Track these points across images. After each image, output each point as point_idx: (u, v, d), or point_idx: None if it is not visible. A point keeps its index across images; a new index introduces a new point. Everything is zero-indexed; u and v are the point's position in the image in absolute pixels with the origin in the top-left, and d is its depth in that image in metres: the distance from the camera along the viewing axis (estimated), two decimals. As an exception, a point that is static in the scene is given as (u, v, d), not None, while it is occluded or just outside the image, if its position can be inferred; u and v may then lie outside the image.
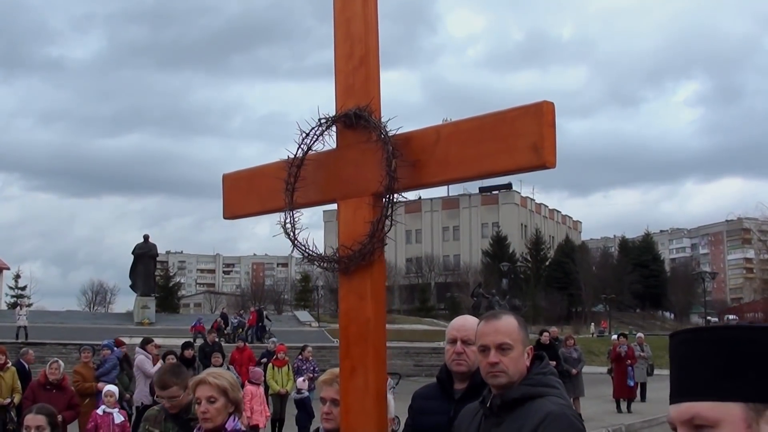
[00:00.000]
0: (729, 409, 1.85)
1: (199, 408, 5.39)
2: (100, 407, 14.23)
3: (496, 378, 4.25)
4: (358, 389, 4.17)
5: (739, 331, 1.95)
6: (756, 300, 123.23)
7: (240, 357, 26.47)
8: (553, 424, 4.04)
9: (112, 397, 13.99)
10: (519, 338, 4.30)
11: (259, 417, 19.46)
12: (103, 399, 14.38)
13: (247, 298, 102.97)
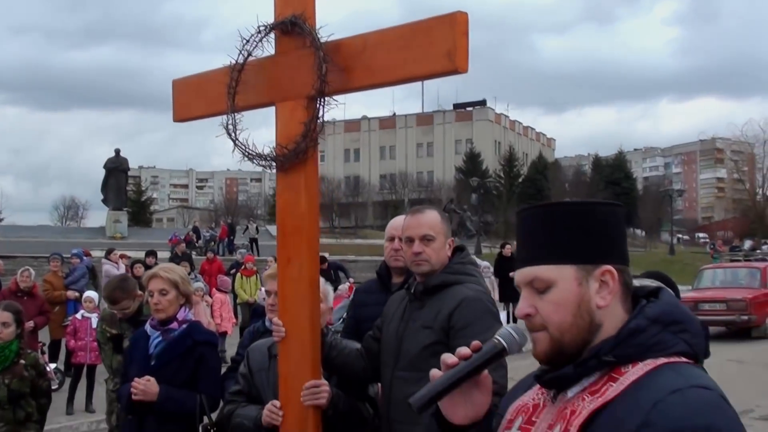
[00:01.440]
0: (563, 271, 2.21)
1: (151, 300, 5.74)
2: (80, 312, 14.64)
3: (419, 266, 4.66)
4: (293, 278, 4.56)
5: (570, 206, 2.31)
6: (726, 219, 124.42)
7: (209, 268, 26.84)
8: (468, 307, 4.46)
9: (91, 303, 14.32)
10: (441, 231, 4.70)
11: (227, 324, 19.96)
12: (83, 304, 14.75)
13: (220, 213, 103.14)
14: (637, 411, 2.01)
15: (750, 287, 25.78)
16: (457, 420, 2.31)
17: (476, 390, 2.28)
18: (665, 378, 2.07)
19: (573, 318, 2.19)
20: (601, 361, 2.15)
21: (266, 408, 4.72)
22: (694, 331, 2.24)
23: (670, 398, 2.00)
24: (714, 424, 1.97)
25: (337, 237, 45.69)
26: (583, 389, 2.16)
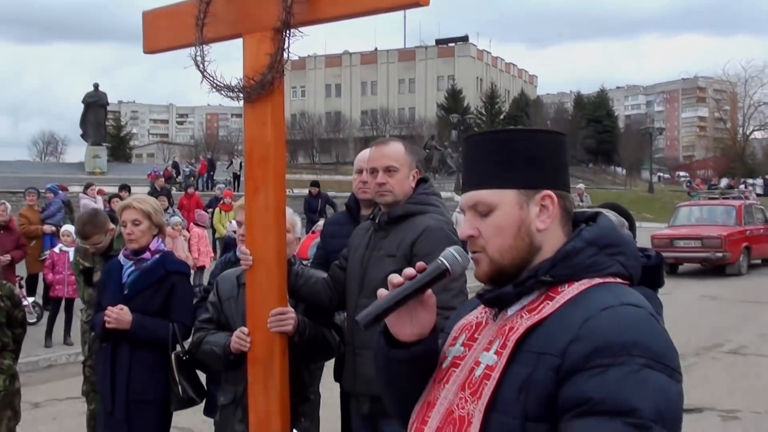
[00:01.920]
0: (504, 195, 2.32)
1: (124, 230, 5.82)
2: (57, 245, 14.70)
3: (383, 197, 4.77)
4: (261, 206, 4.65)
5: (513, 133, 2.41)
6: (707, 158, 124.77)
7: (188, 203, 26.92)
8: (431, 236, 4.58)
9: (69, 237, 14.32)
10: (405, 162, 4.80)
11: (205, 258, 20.02)
12: (61, 238, 14.80)
13: (200, 149, 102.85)
14: (569, 327, 2.12)
15: (725, 225, 26.05)
16: (404, 337, 2.40)
17: (421, 309, 2.38)
18: (597, 296, 2.19)
19: (513, 240, 2.30)
20: (539, 280, 2.26)
21: (234, 335, 4.82)
22: (630, 254, 2.36)
23: (601, 315, 2.12)
24: (642, 339, 2.07)
25: (317, 173, 45.65)
26: (522, 307, 2.28)
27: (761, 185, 70.60)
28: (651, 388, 2.02)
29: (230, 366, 5.03)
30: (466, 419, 2.20)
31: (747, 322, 16.72)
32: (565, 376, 2.08)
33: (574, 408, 2.04)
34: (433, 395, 2.37)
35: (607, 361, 2.04)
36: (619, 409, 1.99)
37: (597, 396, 2.01)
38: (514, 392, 2.14)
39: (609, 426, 1.98)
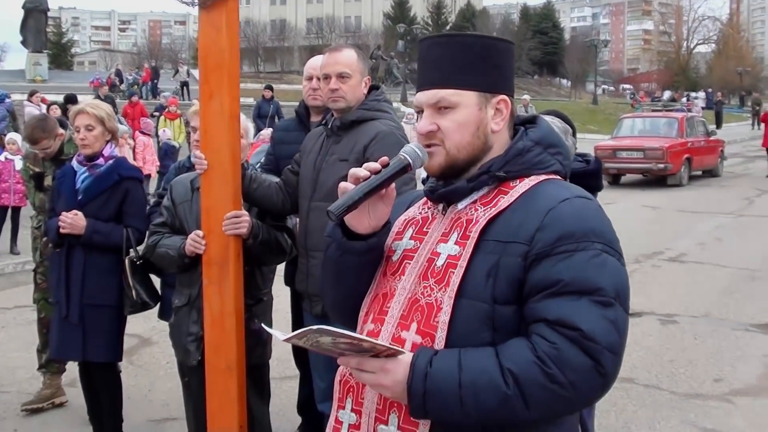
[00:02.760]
0: (467, 96, 2.48)
1: (78, 136, 5.85)
2: (2, 154, 14.57)
3: (335, 102, 4.88)
4: (215, 112, 4.72)
5: (478, 38, 2.56)
6: (651, 71, 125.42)
7: (132, 111, 26.66)
8: (382, 141, 4.71)
9: (14, 145, 14.25)
10: (357, 69, 4.90)
11: (150, 167, 19.97)
12: (6, 146, 14.66)
13: (143, 57, 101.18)
14: (533, 217, 2.35)
15: (667, 137, 26.35)
16: (362, 229, 2.53)
17: (380, 202, 2.51)
18: (551, 190, 2.43)
19: (471, 138, 2.48)
20: (492, 176, 2.46)
21: (189, 238, 4.92)
22: (566, 154, 2.61)
23: (561, 205, 2.36)
24: (598, 227, 2.36)
25: (262, 82, 45.19)
26: (474, 201, 2.47)
27: (703, 98, 71.21)
28: (609, 270, 2.30)
29: (185, 269, 5.14)
30: (434, 306, 2.36)
31: (687, 231, 17.07)
32: (533, 262, 2.30)
33: (545, 289, 2.27)
34: (389, 287, 2.51)
35: (572, 247, 2.29)
36: (586, 288, 2.25)
37: (567, 278, 2.25)
38: (482, 278, 2.32)
39: (579, 303, 2.23)
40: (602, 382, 2.24)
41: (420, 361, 2.26)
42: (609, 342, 2.23)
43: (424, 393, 2.24)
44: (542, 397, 2.20)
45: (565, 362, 2.19)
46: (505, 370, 2.21)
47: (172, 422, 6.91)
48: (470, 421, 2.26)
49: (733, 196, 23.20)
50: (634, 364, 8.44)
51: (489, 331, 2.31)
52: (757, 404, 7.46)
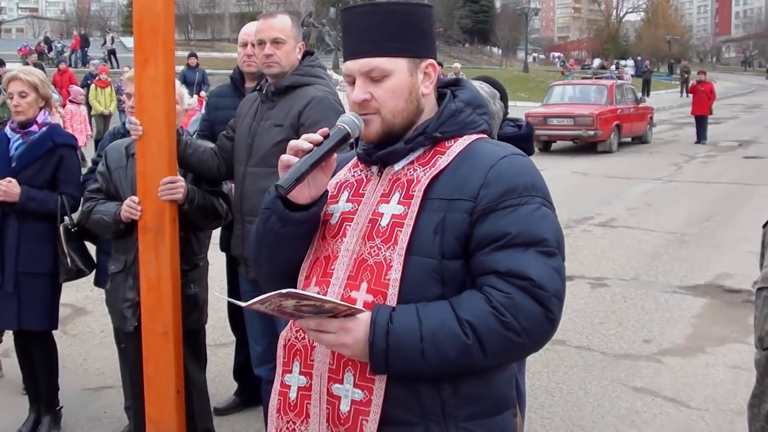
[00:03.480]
0: (398, 63, 2.53)
1: (11, 102, 5.78)
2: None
3: (270, 68, 4.90)
4: (150, 77, 4.71)
5: (401, 5, 2.60)
6: (581, 39, 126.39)
7: (61, 79, 26.29)
8: (317, 106, 4.75)
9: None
10: (291, 34, 4.93)
11: (80, 135, 19.71)
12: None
13: (72, 24, 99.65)
14: (476, 175, 2.44)
15: (597, 104, 26.66)
16: (302, 200, 2.55)
17: (321, 172, 2.54)
18: (488, 148, 2.54)
19: (405, 103, 2.54)
20: (428, 137, 2.54)
21: (125, 203, 4.91)
22: (491, 114, 2.74)
23: (501, 162, 2.46)
24: (535, 182, 2.48)
25: (193, 49, 44.77)
26: (411, 162, 2.55)
27: (632, 66, 71.96)
28: (549, 222, 2.44)
29: (120, 235, 5.14)
30: (384, 264, 2.42)
31: (616, 196, 17.31)
32: (479, 217, 2.40)
33: (493, 243, 2.38)
34: (330, 250, 2.56)
35: (516, 201, 2.40)
36: (532, 240, 2.37)
37: (514, 231, 2.37)
38: (430, 235, 2.41)
39: (527, 254, 2.36)
40: (551, 327, 2.38)
41: (380, 318, 2.33)
42: (556, 289, 2.37)
43: (386, 349, 2.31)
44: (499, 344, 2.32)
45: (519, 310, 2.31)
46: (462, 320, 2.30)
47: (108, 390, 6.90)
48: (430, 372, 2.35)
49: (662, 162, 23.57)
50: (566, 326, 8.58)
51: (438, 285, 2.40)
52: (685, 363, 7.64)
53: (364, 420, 2.42)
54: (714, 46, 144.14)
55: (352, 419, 2.44)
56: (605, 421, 6.36)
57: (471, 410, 2.45)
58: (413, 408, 2.41)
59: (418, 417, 2.42)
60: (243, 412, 6.45)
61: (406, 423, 2.42)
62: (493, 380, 2.50)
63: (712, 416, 6.38)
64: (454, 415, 2.43)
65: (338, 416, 2.46)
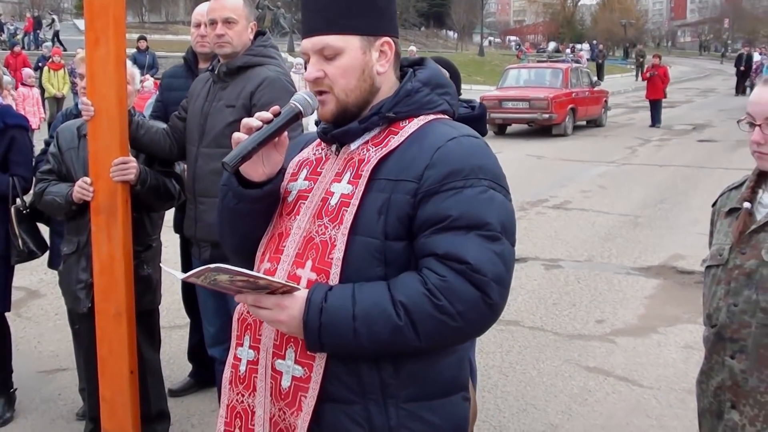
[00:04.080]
0: (350, 41, 2.52)
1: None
2: None
3: (222, 48, 4.90)
4: (101, 58, 4.68)
5: None
6: (537, 22, 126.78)
7: (14, 62, 26.04)
8: (269, 86, 4.75)
9: None
10: (243, 14, 4.92)
11: (32, 118, 19.53)
12: None
13: (25, 6, 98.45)
14: (422, 155, 2.42)
15: (552, 87, 26.75)
16: (256, 177, 2.57)
17: (273, 150, 2.56)
18: (440, 129, 2.50)
19: (357, 81, 2.52)
20: (383, 116, 2.52)
21: (77, 184, 4.88)
22: (453, 94, 2.69)
23: (449, 144, 2.44)
24: (485, 164, 2.45)
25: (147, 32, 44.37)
26: (366, 142, 2.54)
27: (588, 50, 72.30)
28: (496, 205, 2.40)
29: (73, 216, 5.12)
30: (329, 243, 2.43)
31: (571, 179, 17.42)
32: (422, 198, 2.38)
33: (434, 225, 2.36)
34: (284, 227, 2.58)
35: (460, 184, 2.38)
36: (474, 223, 2.35)
37: (455, 213, 2.35)
38: (374, 215, 2.40)
39: (467, 237, 2.34)
40: (490, 312, 2.36)
41: (315, 297, 2.34)
42: (495, 273, 2.34)
43: (319, 327, 2.32)
44: (432, 327, 2.31)
45: (454, 293, 2.30)
46: (396, 302, 2.30)
47: (63, 372, 6.88)
48: (364, 352, 2.36)
49: (616, 145, 23.70)
50: (519, 307, 8.68)
51: (381, 266, 2.40)
52: (637, 343, 7.73)
53: (303, 396, 2.44)
54: (669, 30, 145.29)
55: (291, 395, 2.47)
56: (558, 400, 6.43)
57: (413, 391, 2.46)
58: (353, 386, 2.43)
59: (358, 396, 2.44)
60: (198, 393, 6.46)
61: (345, 401, 2.44)
62: (439, 362, 2.50)
63: (663, 394, 6.48)
64: (395, 396, 2.44)
65: (280, 391, 2.50)
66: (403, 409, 2.44)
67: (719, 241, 3.32)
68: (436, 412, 2.49)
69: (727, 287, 3.19)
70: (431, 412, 2.48)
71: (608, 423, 6.08)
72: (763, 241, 3.10)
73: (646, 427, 6.00)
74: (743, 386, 3.13)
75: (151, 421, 5.37)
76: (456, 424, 2.56)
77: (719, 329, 3.21)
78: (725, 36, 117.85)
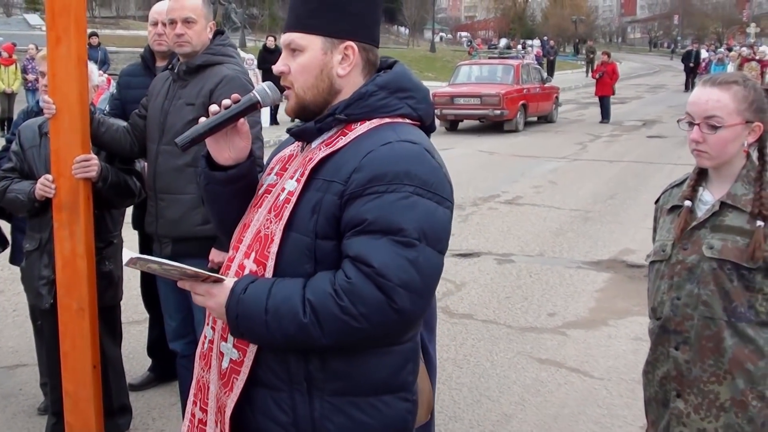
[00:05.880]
0: (313, 40, 2.65)
1: None
2: None
3: (181, 47, 5.03)
4: (62, 56, 4.73)
5: None
6: (488, 18, 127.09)
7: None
8: (228, 85, 4.84)
9: None
10: (202, 14, 5.02)
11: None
12: None
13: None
14: (354, 158, 2.53)
15: (503, 83, 26.88)
16: (223, 161, 2.75)
17: (237, 137, 2.73)
18: (382, 133, 2.59)
19: (315, 80, 2.66)
20: (335, 118, 2.64)
21: (39, 182, 4.92)
22: (419, 98, 2.76)
23: (381, 148, 2.52)
24: (412, 170, 2.50)
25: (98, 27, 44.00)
26: (322, 141, 2.66)
27: (539, 46, 72.62)
28: (417, 212, 2.46)
29: (35, 213, 5.18)
30: (269, 237, 2.56)
31: (522, 174, 17.60)
32: (347, 201, 2.49)
33: (353, 227, 2.46)
34: (249, 218, 2.73)
35: (382, 188, 2.45)
36: (388, 228, 2.42)
37: (371, 217, 2.43)
38: (308, 214, 2.52)
39: (379, 242, 2.42)
40: (397, 317, 2.42)
41: (237, 287, 2.50)
42: (403, 280, 2.40)
43: (236, 316, 2.48)
44: (336, 326, 2.41)
45: (358, 296, 2.39)
46: (305, 299, 2.42)
47: (23, 368, 6.93)
48: (277, 343, 2.50)
49: (567, 141, 23.96)
50: (473, 301, 8.86)
51: (311, 262, 2.52)
52: (588, 335, 7.90)
53: (235, 378, 2.60)
54: (620, 26, 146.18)
55: (227, 376, 2.63)
56: (511, 391, 6.58)
57: (339, 387, 2.56)
58: (281, 374, 2.57)
59: (285, 384, 2.57)
60: (158, 387, 6.55)
61: (274, 387, 2.58)
62: (369, 362, 2.57)
63: (614, 385, 6.65)
64: (321, 389, 2.55)
65: (221, 371, 2.66)
66: (327, 402, 2.55)
67: (662, 238, 3.48)
68: (363, 410, 2.58)
69: (670, 282, 3.35)
70: (358, 409, 2.57)
71: (560, 413, 6.23)
72: (703, 237, 3.27)
73: (597, 417, 6.16)
74: (687, 376, 3.30)
75: (113, 415, 5.45)
76: (386, 424, 2.63)
77: (663, 322, 3.37)
78: (675, 32, 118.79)
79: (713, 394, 3.24)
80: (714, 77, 3.35)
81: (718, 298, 3.20)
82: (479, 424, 6.05)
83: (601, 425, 6.03)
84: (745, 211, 3.21)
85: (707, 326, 3.22)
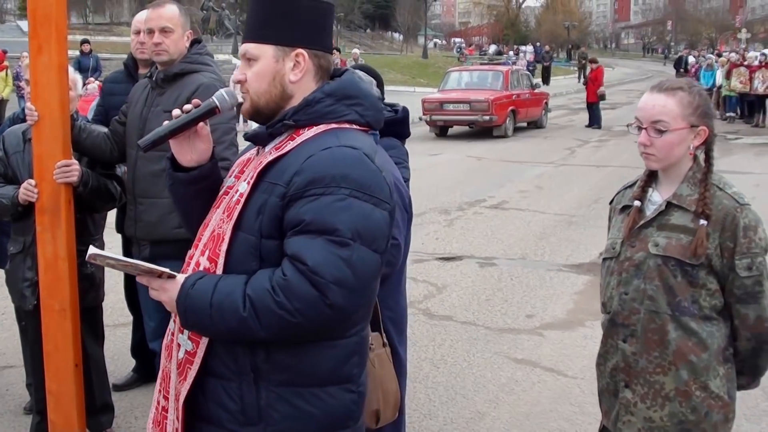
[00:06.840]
0: (264, 49, 2.83)
1: None
2: None
3: (159, 56, 5.22)
4: (44, 65, 4.86)
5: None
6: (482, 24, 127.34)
7: (-44, 64, 25.90)
8: (204, 92, 4.93)
9: None
10: (179, 23, 5.19)
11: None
12: None
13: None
14: (296, 162, 2.68)
15: (493, 89, 27.01)
16: (185, 162, 2.94)
17: (198, 139, 2.92)
18: (325, 138, 2.74)
19: (268, 86, 2.83)
20: (284, 123, 2.80)
21: (22, 186, 5.06)
22: (367, 105, 2.91)
23: (320, 153, 2.67)
24: (349, 173, 2.63)
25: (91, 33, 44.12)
26: (274, 146, 2.83)
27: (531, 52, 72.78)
28: (352, 213, 2.60)
29: (19, 217, 5.31)
30: (221, 236, 2.73)
31: (510, 179, 17.74)
32: (288, 203, 2.64)
33: (293, 228, 2.62)
34: (209, 217, 2.89)
35: (320, 191, 2.60)
36: (323, 228, 2.57)
37: (308, 218, 2.58)
38: (254, 215, 2.68)
39: (315, 241, 2.57)
40: (331, 312, 2.56)
41: (187, 283, 2.68)
42: (336, 277, 2.54)
43: (185, 309, 2.66)
44: (273, 320, 2.56)
45: (292, 292, 2.53)
46: (246, 295, 2.58)
47: (10, 369, 7.06)
48: (222, 336, 2.68)
49: (555, 146, 24.13)
50: (453, 303, 9.02)
51: (256, 261, 2.67)
52: (564, 336, 8.06)
53: (189, 368, 2.77)
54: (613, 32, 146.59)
55: (182, 366, 2.79)
56: (486, 390, 6.74)
57: (284, 377, 2.69)
58: (230, 365, 2.72)
59: (234, 374, 2.72)
60: (141, 387, 6.67)
61: (224, 377, 2.74)
62: (313, 354, 2.70)
63: (587, 384, 6.76)
64: (267, 379, 2.70)
65: (177, 362, 2.82)
66: (273, 392, 2.69)
67: (613, 236, 3.65)
68: (308, 400, 2.71)
69: (619, 277, 3.52)
70: (302, 398, 2.70)
71: (533, 410, 6.39)
72: (650, 235, 3.44)
73: (568, 414, 6.31)
74: (634, 367, 3.47)
75: (95, 413, 5.59)
76: (330, 413, 2.75)
77: (613, 316, 3.54)
78: (668, 38, 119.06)
79: (659, 384, 3.41)
80: (661, 83, 3.52)
81: (663, 293, 3.36)
82: (453, 421, 6.21)
83: (572, 422, 6.19)
84: (690, 211, 3.37)
85: (652, 320, 3.39)
